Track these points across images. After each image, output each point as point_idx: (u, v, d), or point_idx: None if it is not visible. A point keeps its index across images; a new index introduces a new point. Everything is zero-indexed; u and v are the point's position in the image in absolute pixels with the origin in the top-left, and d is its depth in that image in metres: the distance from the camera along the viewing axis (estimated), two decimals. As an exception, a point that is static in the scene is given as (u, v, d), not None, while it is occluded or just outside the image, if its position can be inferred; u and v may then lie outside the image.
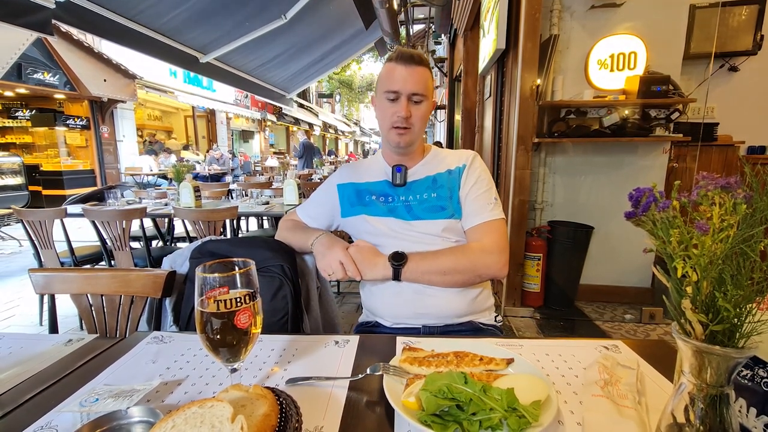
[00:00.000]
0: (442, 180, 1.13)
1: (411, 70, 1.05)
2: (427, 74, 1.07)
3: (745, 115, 3.18)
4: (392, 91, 1.06)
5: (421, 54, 1.08)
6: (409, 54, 1.06)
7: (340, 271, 1.01)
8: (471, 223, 1.09)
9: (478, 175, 1.12)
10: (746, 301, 0.39)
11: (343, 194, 1.20)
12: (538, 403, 0.56)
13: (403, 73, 1.05)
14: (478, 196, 1.09)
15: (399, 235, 1.09)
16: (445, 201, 1.10)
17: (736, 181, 0.40)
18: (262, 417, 0.50)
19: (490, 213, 1.08)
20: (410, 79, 1.05)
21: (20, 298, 3.41)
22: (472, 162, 1.14)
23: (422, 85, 1.06)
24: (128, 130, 9.20)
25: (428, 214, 1.09)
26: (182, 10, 3.31)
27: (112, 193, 3.14)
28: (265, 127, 16.70)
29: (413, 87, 1.05)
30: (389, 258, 1.02)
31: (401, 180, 1.13)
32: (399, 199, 1.13)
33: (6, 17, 2.21)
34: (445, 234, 1.08)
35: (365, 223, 1.13)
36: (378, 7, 4.38)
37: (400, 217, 1.10)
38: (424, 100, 1.07)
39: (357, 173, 1.22)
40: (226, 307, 0.58)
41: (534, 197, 2.96)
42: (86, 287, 1.12)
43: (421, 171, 1.16)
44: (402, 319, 1.07)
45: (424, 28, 9.51)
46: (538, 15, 2.56)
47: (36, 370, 0.74)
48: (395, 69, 1.06)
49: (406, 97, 1.05)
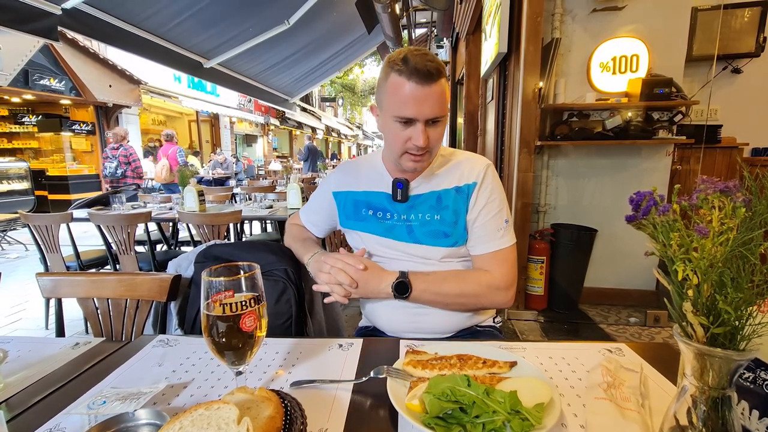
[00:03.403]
0: (447, 199, 1.00)
1: (429, 91, 0.86)
2: (444, 87, 0.89)
3: (748, 117, 3.17)
4: (406, 118, 0.89)
5: (437, 64, 0.87)
6: (426, 70, 0.85)
7: (335, 281, 0.95)
8: (479, 251, 1.00)
9: (489, 195, 0.99)
10: (747, 304, 0.39)
11: (340, 204, 1.13)
12: (542, 405, 0.56)
13: (418, 96, 0.86)
14: (488, 221, 0.99)
15: (397, 256, 1.03)
16: (450, 227, 0.99)
17: (736, 184, 0.40)
18: (268, 419, 0.51)
19: (500, 240, 0.98)
20: (428, 102, 0.87)
21: (26, 302, 3.43)
22: (484, 179, 1.00)
23: (441, 105, 0.88)
24: (133, 135, 9.27)
25: (430, 240, 1.00)
26: (187, 17, 3.35)
27: (117, 197, 3.17)
28: (269, 131, 16.78)
29: (432, 111, 0.88)
30: (392, 288, 0.95)
31: (402, 196, 1.01)
32: (400, 218, 1.03)
33: (13, 24, 2.24)
34: (446, 260, 1.01)
35: (361, 240, 1.08)
36: (380, 11, 4.40)
37: (399, 239, 1.02)
38: (441, 120, 0.91)
39: (354, 179, 1.12)
40: (231, 311, 0.59)
41: (537, 200, 2.96)
42: (93, 291, 1.13)
43: (424, 185, 1.03)
44: (400, 333, 1.04)
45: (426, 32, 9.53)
46: (539, 18, 2.56)
47: (44, 373, 0.75)
48: (408, 88, 0.86)
49: (423, 123, 0.89)
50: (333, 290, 0.95)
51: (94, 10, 2.74)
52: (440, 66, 0.88)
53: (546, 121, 2.86)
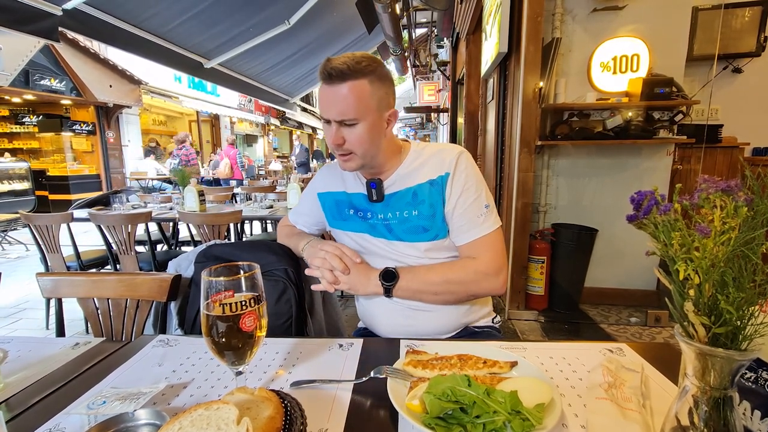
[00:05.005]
0: (423, 194, 0.99)
1: (333, 92, 0.88)
2: (358, 89, 0.87)
3: (749, 117, 3.16)
4: (322, 117, 0.93)
5: (345, 66, 0.86)
6: (327, 71, 0.86)
7: (328, 265, 0.97)
8: (462, 240, 0.99)
9: (464, 183, 0.98)
10: (748, 304, 0.39)
11: (324, 204, 1.15)
12: (542, 406, 0.56)
13: (326, 95, 0.90)
14: (467, 209, 0.98)
15: (382, 252, 1.04)
16: (428, 220, 0.99)
17: (737, 183, 0.40)
18: (267, 419, 0.51)
19: (481, 227, 0.97)
20: (333, 101, 0.89)
21: (27, 302, 3.44)
22: (456, 167, 0.98)
23: (350, 106, 0.88)
24: (133, 135, 9.28)
25: (410, 236, 1.00)
26: (187, 17, 3.35)
27: (117, 197, 3.17)
28: (269, 131, 16.77)
29: (338, 112, 0.89)
30: (380, 276, 0.97)
31: (378, 196, 1.02)
32: (377, 217, 1.03)
33: (14, 25, 2.25)
34: (430, 254, 1.01)
35: (348, 239, 1.10)
36: (380, 11, 4.40)
37: (381, 236, 1.03)
38: (359, 122, 0.90)
39: (334, 179, 1.13)
40: (231, 311, 0.59)
41: (537, 200, 2.95)
42: (93, 291, 1.13)
43: (399, 182, 1.02)
44: (396, 336, 1.03)
45: (427, 32, 9.54)
46: (540, 18, 2.56)
47: (44, 373, 0.75)
48: (321, 90, 0.91)
49: (336, 123, 0.91)
50: (323, 275, 0.96)
51: (95, 10, 2.75)
52: (350, 67, 0.86)
53: (546, 121, 2.85)
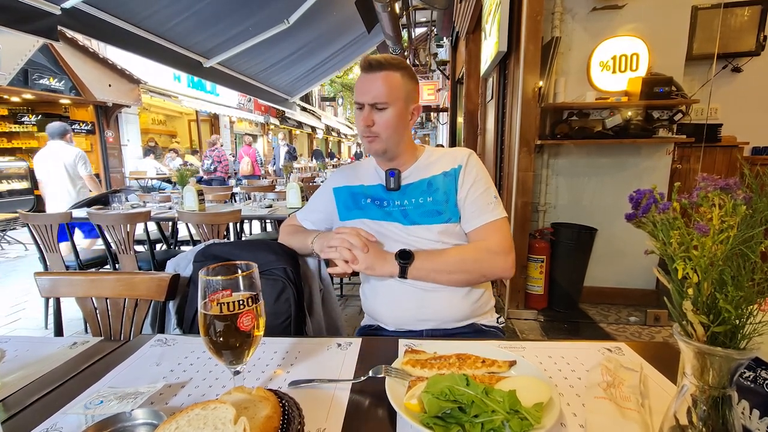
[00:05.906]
0: (437, 183, 1.11)
1: (370, 78, 1.04)
2: (391, 78, 1.04)
3: (749, 116, 3.16)
4: (357, 102, 1.07)
5: (382, 58, 1.05)
6: (368, 61, 1.04)
7: (347, 244, 1.00)
8: (473, 225, 1.07)
9: (475, 175, 1.10)
10: (747, 303, 0.39)
11: (339, 198, 1.21)
12: (541, 405, 0.56)
13: (363, 82, 1.05)
14: (478, 198, 1.08)
15: (398, 238, 1.09)
16: (441, 205, 1.08)
17: (736, 182, 0.40)
18: (265, 419, 0.51)
19: (491, 213, 1.06)
20: (369, 87, 1.04)
21: (26, 302, 3.43)
22: (468, 161, 1.11)
23: (382, 92, 1.03)
24: (133, 135, 9.27)
25: (425, 219, 1.08)
26: (187, 16, 3.34)
27: (116, 196, 3.17)
28: (269, 130, 16.76)
29: (372, 96, 1.04)
30: (396, 255, 1.02)
31: (395, 184, 1.12)
32: (394, 204, 1.12)
33: (13, 24, 2.24)
34: (443, 238, 1.07)
35: (364, 226, 1.12)
36: (380, 11, 4.39)
37: (397, 221, 1.10)
38: (389, 107, 1.05)
39: (351, 176, 1.22)
40: (228, 310, 0.59)
41: (537, 199, 2.95)
42: (91, 290, 1.12)
43: (415, 174, 1.14)
44: (403, 325, 1.07)
45: (426, 32, 9.53)
46: (539, 17, 2.56)
47: (41, 373, 0.74)
48: (359, 78, 1.07)
49: (368, 106, 1.05)
50: (342, 255, 1.00)
51: (94, 9, 2.73)
52: (387, 60, 1.04)
53: (546, 120, 2.85)
